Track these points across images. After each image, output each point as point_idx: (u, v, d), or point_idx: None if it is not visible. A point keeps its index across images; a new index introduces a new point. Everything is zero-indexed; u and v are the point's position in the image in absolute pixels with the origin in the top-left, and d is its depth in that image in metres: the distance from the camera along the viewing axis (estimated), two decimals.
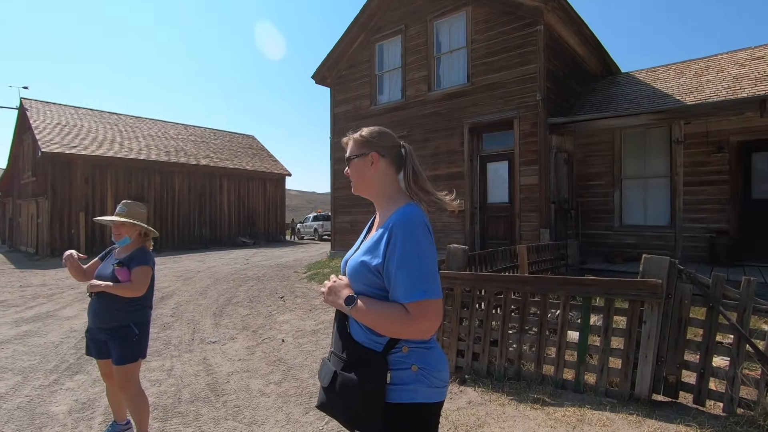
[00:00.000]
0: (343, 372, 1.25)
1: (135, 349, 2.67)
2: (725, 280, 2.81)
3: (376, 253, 1.26)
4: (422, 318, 1.16)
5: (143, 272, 2.69)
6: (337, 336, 1.35)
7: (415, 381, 1.22)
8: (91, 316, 2.69)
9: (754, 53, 8.89)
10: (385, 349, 1.23)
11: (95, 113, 19.87)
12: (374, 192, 1.44)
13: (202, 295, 7.90)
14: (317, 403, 1.37)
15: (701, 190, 8.03)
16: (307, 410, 3.36)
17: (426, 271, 1.19)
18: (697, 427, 2.61)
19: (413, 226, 1.23)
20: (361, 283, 1.29)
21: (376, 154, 1.41)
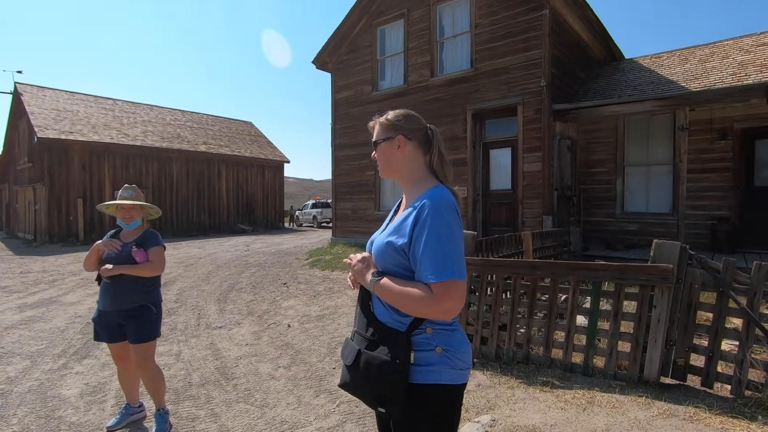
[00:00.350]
0: (366, 351, 1.26)
1: (154, 327, 2.80)
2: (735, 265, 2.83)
3: (402, 232, 1.26)
4: (446, 298, 1.15)
5: (160, 251, 2.82)
6: (361, 315, 1.37)
7: (440, 362, 1.23)
8: (108, 299, 2.72)
9: (759, 39, 8.82)
10: (408, 330, 1.24)
11: (90, 98, 19.60)
12: (401, 175, 1.44)
13: (204, 281, 7.91)
14: (340, 382, 1.38)
15: (704, 178, 8.04)
16: (317, 393, 3.39)
17: (453, 251, 1.19)
18: (706, 408, 2.65)
19: (442, 207, 1.23)
20: (387, 262, 1.29)
21: (402, 138, 1.41)
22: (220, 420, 3.01)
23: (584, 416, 2.69)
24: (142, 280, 2.75)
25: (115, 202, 2.82)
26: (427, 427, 1.25)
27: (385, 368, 1.21)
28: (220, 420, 3.01)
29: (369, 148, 6.98)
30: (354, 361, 1.28)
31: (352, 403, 3.18)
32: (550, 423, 2.64)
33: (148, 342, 2.76)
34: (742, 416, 2.55)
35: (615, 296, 3.13)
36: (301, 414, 3.07)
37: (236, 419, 3.01)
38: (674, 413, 2.63)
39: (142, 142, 17.58)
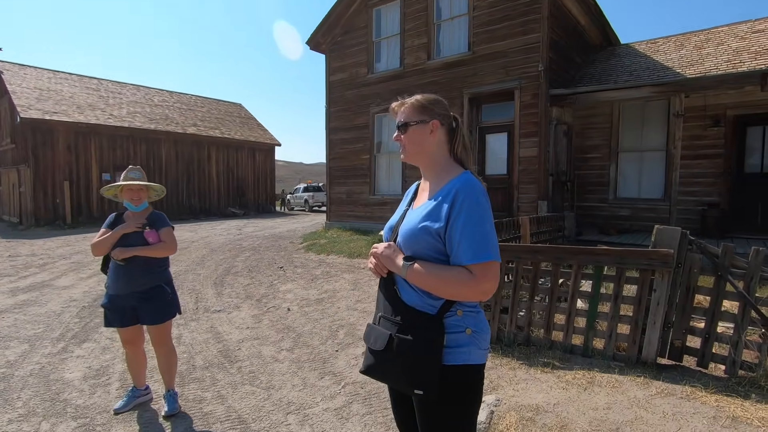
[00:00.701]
0: (399, 335, 1.28)
1: (172, 306, 2.86)
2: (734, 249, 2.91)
3: (438, 217, 1.27)
4: (485, 279, 1.20)
5: (171, 232, 2.86)
6: (387, 300, 1.38)
7: (469, 343, 1.27)
8: (121, 282, 2.72)
9: (754, 26, 8.87)
10: (439, 313, 1.27)
11: (75, 77, 19.03)
12: (429, 160, 1.44)
13: (199, 265, 7.87)
14: (363, 368, 1.40)
15: (696, 164, 8.17)
16: (322, 375, 3.43)
17: (490, 234, 1.23)
18: (702, 387, 2.75)
19: (477, 193, 1.26)
20: (420, 246, 1.30)
21: (437, 122, 1.41)
22: (226, 402, 3.04)
23: (585, 395, 2.77)
24: (154, 260, 2.78)
25: (121, 183, 2.78)
26: (458, 407, 1.28)
27: (422, 350, 1.24)
28: (226, 402, 3.04)
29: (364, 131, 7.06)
30: (386, 345, 1.29)
31: (357, 385, 3.24)
32: (553, 402, 2.71)
33: (166, 322, 2.83)
34: (736, 394, 2.65)
35: (616, 280, 3.20)
36: (307, 395, 3.11)
37: (243, 401, 3.04)
38: (672, 392, 2.73)
39: (130, 123, 17.19)
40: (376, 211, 10.74)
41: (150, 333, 2.85)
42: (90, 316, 5.03)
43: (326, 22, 11.15)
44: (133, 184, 2.77)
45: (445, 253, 1.28)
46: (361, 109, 10.89)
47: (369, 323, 1.44)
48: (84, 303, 5.61)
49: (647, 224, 8.55)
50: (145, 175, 2.91)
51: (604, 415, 2.53)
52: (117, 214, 2.88)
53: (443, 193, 1.31)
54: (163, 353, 2.89)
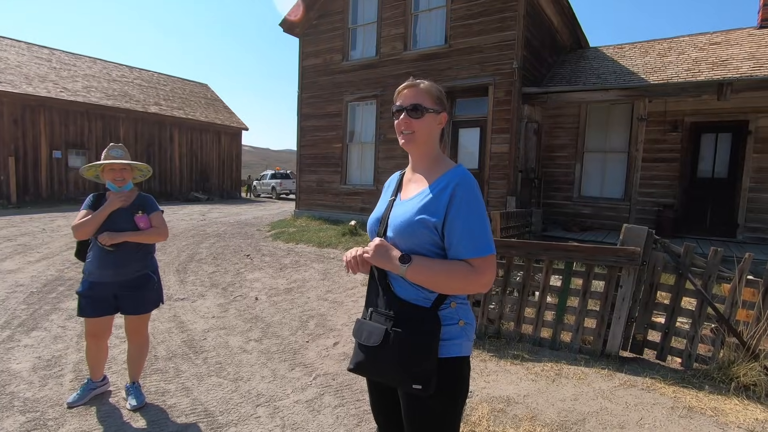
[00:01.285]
0: (396, 329, 1.25)
1: (157, 295, 2.76)
2: (694, 249, 3.06)
3: (435, 210, 1.25)
4: (488, 271, 1.22)
5: (161, 216, 2.70)
6: (380, 294, 1.34)
7: (461, 335, 1.28)
8: (108, 270, 2.54)
9: (712, 38, 9.36)
10: (434, 305, 1.26)
11: (23, 45, 17.63)
12: (428, 150, 1.40)
13: (160, 251, 7.53)
14: (352, 366, 1.35)
15: (654, 167, 8.57)
16: (292, 366, 3.36)
17: (488, 228, 1.25)
18: (660, 379, 2.89)
19: (474, 187, 1.27)
20: (417, 240, 1.27)
21: (446, 115, 1.41)
22: (192, 394, 2.92)
23: (554, 387, 2.85)
24: (143, 247, 2.64)
25: (102, 162, 2.56)
26: (449, 399, 1.28)
27: (419, 344, 1.22)
28: (192, 394, 2.92)
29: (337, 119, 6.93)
30: (383, 340, 1.26)
31: (328, 376, 3.19)
32: (523, 393, 2.78)
33: (150, 311, 2.73)
34: (691, 386, 2.81)
35: (585, 276, 3.31)
36: (277, 387, 3.04)
37: (209, 393, 2.93)
38: (633, 384, 2.86)
39: (84, 97, 16.14)
40: (346, 200, 10.64)
41: (128, 322, 2.70)
42: (39, 303, 4.71)
43: (301, 3, 10.82)
44: (115, 163, 2.54)
45: (441, 246, 1.26)
46: (334, 97, 10.70)
47: (359, 318, 1.40)
48: (32, 288, 5.24)
49: (608, 222, 8.95)
50: (129, 153, 2.70)
51: (571, 405, 2.62)
52: (97, 195, 2.64)
53: (439, 186, 1.29)
54: (137, 343, 2.75)
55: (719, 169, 8.27)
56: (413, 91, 1.36)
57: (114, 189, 2.59)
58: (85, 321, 2.63)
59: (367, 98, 10.14)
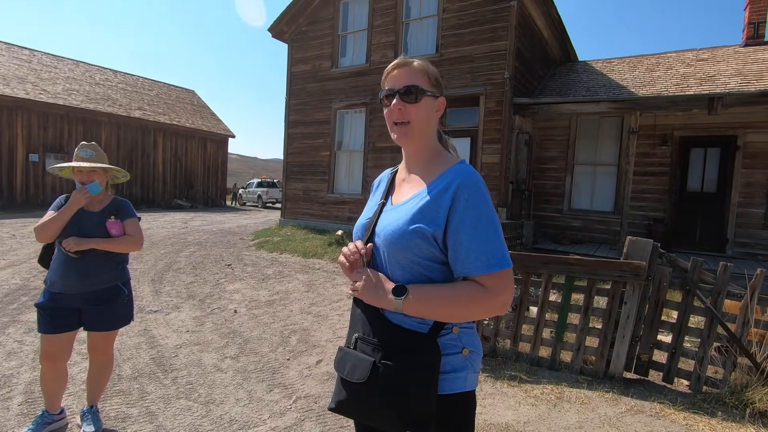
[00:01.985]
0: (386, 362, 0.99)
1: (128, 310, 2.50)
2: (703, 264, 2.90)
3: (434, 217, 1.01)
4: (504, 290, 0.98)
5: (136, 223, 2.46)
6: (366, 319, 1.08)
7: (465, 367, 1.05)
8: (72, 279, 2.26)
9: (699, 55, 9.47)
10: (432, 330, 1.02)
11: (2, 45, 17.11)
12: (425, 144, 1.15)
13: (136, 260, 7.15)
14: (333, 405, 1.09)
15: (644, 180, 8.54)
16: (271, 387, 3.07)
17: (501, 236, 1.00)
18: (669, 404, 2.69)
19: (482, 187, 1.02)
20: (411, 254, 1.02)
21: (444, 100, 1.16)
22: (157, 419, 2.61)
23: (556, 413, 2.63)
24: (115, 256, 2.39)
25: (69, 164, 2.34)
26: None
27: (415, 380, 0.97)
28: (157, 419, 2.61)
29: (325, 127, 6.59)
30: (370, 376, 1.00)
31: (310, 399, 2.92)
32: (523, 420, 2.55)
33: (118, 328, 2.45)
34: (703, 412, 2.61)
35: (587, 291, 3.11)
36: (252, 411, 2.75)
37: (176, 419, 2.63)
38: (641, 409, 2.65)
39: (65, 100, 15.65)
40: (333, 210, 10.38)
41: (92, 339, 2.41)
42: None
43: (291, 9, 10.66)
44: (82, 167, 2.29)
45: (442, 260, 1.02)
46: (322, 104, 10.50)
47: (341, 347, 1.13)
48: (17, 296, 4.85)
49: (598, 236, 8.86)
50: (104, 154, 2.43)
51: None
52: (68, 196, 2.39)
53: (439, 187, 1.04)
54: (99, 363, 2.46)
55: (708, 183, 8.27)
56: (405, 71, 1.11)
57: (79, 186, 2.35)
58: (42, 339, 2.30)
59: (356, 106, 9.97)
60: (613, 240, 8.28)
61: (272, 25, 10.96)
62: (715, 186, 8.21)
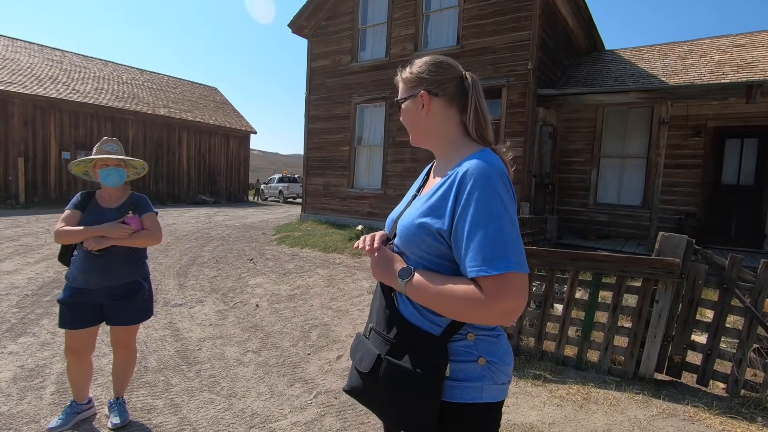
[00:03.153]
0: (389, 358, 0.98)
1: (148, 305, 2.51)
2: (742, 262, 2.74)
3: (440, 212, 0.96)
4: (503, 297, 0.85)
5: (154, 218, 2.45)
6: (382, 310, 1.07)
7: (481, 377, 0.97)
8: (94, 276, 2.28)
9: (735, 41, 9.00)
10: (445, 334, 0.97)
11: (35, 47, 17.74)
12: (433, 141, 1.13)
13: (162, 254, 7.33)
14: (347, 387, 1.12)
15: (675, 173, 8.20)
16: (291, 382, 3.09)
17: (508, 235, 0.89)
18: (705, 408, 2.57)
19: (492, 178, 0.92)
20: (419, 249, 1.00)
21: (425, 94, 1.08)
22: (180, 412, 2.65)
23: (582, 414, 2.54)
24: (135, 251, 2.40)
25: (94, 157, 2.33)
26: None
27: (415, 383, 0.94)
28: (180, 412, 2.65)
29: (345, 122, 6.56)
30: (372, 368, 1.01)
31: (330, 394, 2.91)
32: (548, 421, 2.47)
33: (139, 323, 2.47)
34: (741, 417, 2.48)
35: (616, 289, 2.99)
36: (274, 406, 2.76)
37: (200, 411, 2.66)
38: (674, 412, 2.53)
39: (95, 99, 16.14)
40: (353, 205, 10.38)
41: (114, 333, 2.45)
42: (32, 306, 4.49)
43: (311, 4, 10.66)
44: (109, 158, 2.30)
45: (452, 258, 0.96)
46: (342, 99, 10.48)
47: (358, 333, 1.15)
48: (27, 291, 5.04)
49: (625, 231, 8.58)
50: (123, 149, 2.47)
51: None
52: (86, 193, 2.41)
53: (449, 179, 0.98)
54: (123, 357, 2.50)
55: (745, 176, 7.87)
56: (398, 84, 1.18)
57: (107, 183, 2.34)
58: (66, 334, 2.34)
59: (376, 100, 9.91)
60: (642, 235, 8.00)
61: (292, 21, 10.99)
62: (752, 178, 7.82)
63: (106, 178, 2.32)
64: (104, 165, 2.32)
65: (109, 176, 2.32)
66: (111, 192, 2.38)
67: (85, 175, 2.46)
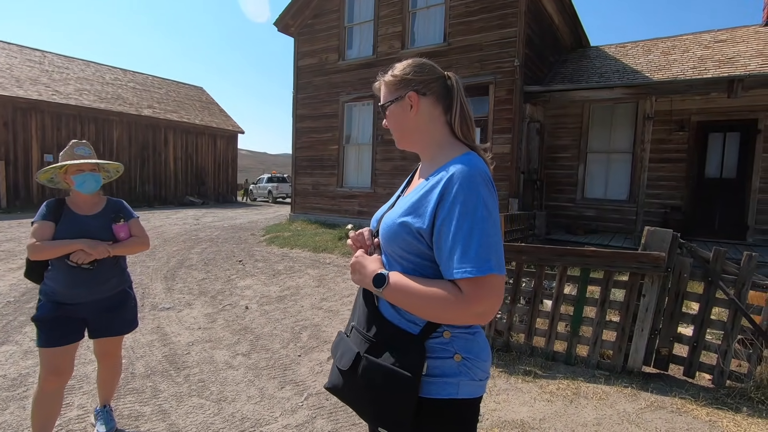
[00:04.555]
0: (368, 356, 1.01)
1: (135, 314, 2.42)
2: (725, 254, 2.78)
3: (421, 212, 0.98)
4: (480, 299, 0.89)
5: (140, 223, 2.37)
6: (362, 309, 1.10)
7: (457, 373, 0.99)
8: (82, 289, 2.12)
9: (716, 36, 9.14)
10: (422, 333, 0.99)
11: (14, 48, 17.32)
12: (420, 142, 1.15)
13: (149, 257, 7.22)
14: (328, 384, 1.14)
15: (660, 167, 8.31)
16: (282, 384, 3.06)
17: (490, 238, 0.91)
18: (691, 399, 2.61)
19: (476, 181, 0.94)
20: (399, 248, 1.02)
21: (414, 94, 1.10)
22: (169, 418, 2.61)
23: (572, 409, 2.56)
24: (120, 261, 2.30)
25: (66, 162, 2.11)
26: None
27: (392, 381, 0.96)
28: (169, 418, 2.61)
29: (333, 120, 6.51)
30: (351, 366, 1.03)
31: (321, 396, 2.89)
32: (539, 417, 2.48)
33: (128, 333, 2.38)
34: (727, 407, 2.52)
35: (603, 283, 3.02)
36: (264, 409, 2.73)
37: (188, 417, 2.63)
38: (661, 405, 2.56)
39: (77, 101, 15.83)
40: (343, 204, 10.34)
41: (101, 345, 2.33)
42: (15, 313, 4.40)
43: (297, 2, 10.57)
44: (84, 163, 2.11)
45: (431, 257, 0.98)
46: (330, 97, 10.42)
47: (340, 331, 1.17)
48: (9, 298, 4.94)
49: (612, 225, 8.68)
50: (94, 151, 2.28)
51: (594, 431, 2.32)
52: (56, 201, 2.16)
53: (432, 181, 1.00)
54: (110, 365, 2.40)
55: (728, 169, 8.02)
56: (378, 92, 1.20)
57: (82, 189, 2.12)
58: (46, 354, 2.07)
59: (364, 98, 9.88)
60: (629, 229, 8.10)
61: (278, 19, 10.89)
62: (735, 172, 7.96)
63: (82, 184, 2.12)
64: (78, 170, 2.12)
65: (85, 182, 2.12)
66: (86, 198, 2.19)
67: (50, 182, 2.21)
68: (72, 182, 2.13)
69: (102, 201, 2.27)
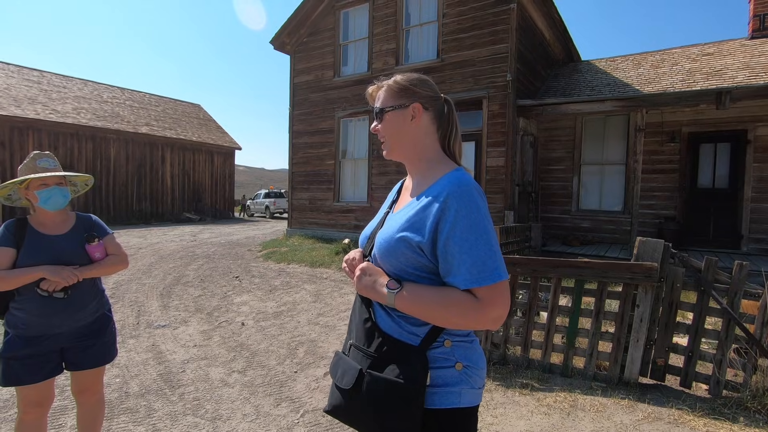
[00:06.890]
0: (371, 371, 1.01)
1: (115, 339, 2.15)
2: (717, 264, 2.81)
3: (421, 227, 1.01)
4: (495, 304, 0.94)
5: (115, 239, 2.12)
6: (362, 325, 1.10)
7: (459, 381, 1.01)
8: (58, 318, 1.87)
9: (704, 49, 9.33)
10: (423, 343, 1.01)
11: (12, 68, 17.48)
12: (413, 153, 1.17)
13: (145, 274, 7.19)
14: (328, 408, 1.13)
15: (653, 178, 8.40)
16: (278, 401, 3.03)
17: (494, 247, 0.97)
18: (688, 410, 2.60)
19: (474, 195, 0.99)
20: (400, 263, 1.04)
21: (419, 106, 1.13)
22: None
23: (570, 422, 2.55)
24: (97, 283, 2.06)
25: (29, 176, 1.85)
26: None
27: (398, 394, 0.96)
28: None
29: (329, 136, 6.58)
30: (355, 384, 1.03)
31: (317, 413, 2.87)
32: (537, 431, 2.47)
33: (111, 361, 2.10)
34: (724, 418, 2.52)
35: (597, 294, 3.03)
36: (259, 427, 2.71)
37: None
38: (659, 416, 2.56)
39: (74, 119, 15.91)
40: (339, 218, 10.37)
41: (81, 379, 2.03)
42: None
43: (292, 21, 10.76)
44: (48, 176, 1.86)
45: (430, 269, 1.01)
46: (326, 113, 10.54)
47: (337, 351, 1.16)
48: None
49: (608, 236, 8.72)
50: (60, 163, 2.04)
51: None
52: (17, 222, 1.89)
53: (429, 196, 1.04)
54: (92, 403, 2.10)
55: (720, 179, 8.11)
56: (377, 93, 1.20)
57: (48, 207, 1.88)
58: (22, 391, 1.86)
59: (360, 114, 9.99)
60: (624, 240, 8.14)
61: (274, 38, 11.06)
62: (726, 182, 8.05)
63: (47, 200, 1.87)
64: (42, 185, 1.86)
65: (51, 198, 1.87)
66: (53, 216, 1.93)
67: (6, 200, 1.97)
68: (35, 198, 1.87)
69: (71, 218, 2.01)
